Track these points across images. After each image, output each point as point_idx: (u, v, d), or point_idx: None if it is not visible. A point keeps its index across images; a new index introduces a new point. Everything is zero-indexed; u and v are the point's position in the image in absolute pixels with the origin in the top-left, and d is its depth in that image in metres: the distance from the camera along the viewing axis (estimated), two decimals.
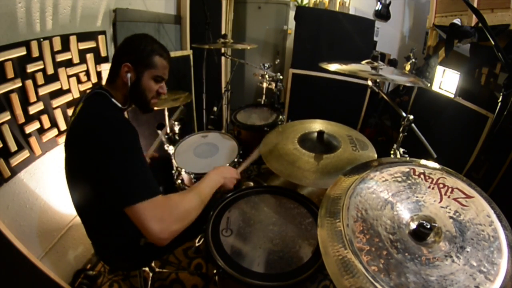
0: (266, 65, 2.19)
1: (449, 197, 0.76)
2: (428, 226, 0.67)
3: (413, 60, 2.82)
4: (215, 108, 2.33)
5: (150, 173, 0.81)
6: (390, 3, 3.43)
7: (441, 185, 0.78)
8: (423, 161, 0.88)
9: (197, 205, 0.87)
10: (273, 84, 2.14)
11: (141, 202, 0.73)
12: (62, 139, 1.40)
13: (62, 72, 1.35)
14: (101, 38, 1.57)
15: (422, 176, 0.81)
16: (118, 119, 0.86)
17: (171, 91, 2.01)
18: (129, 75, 0.94)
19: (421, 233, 0.67)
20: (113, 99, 0.96)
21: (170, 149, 1.67)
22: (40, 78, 1.23)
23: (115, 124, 0.82)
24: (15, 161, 1.15)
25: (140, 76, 0.96)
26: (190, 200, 0.87)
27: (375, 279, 0.58)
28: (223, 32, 2.98)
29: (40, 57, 1.21)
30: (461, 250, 0.65)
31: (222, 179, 1.03)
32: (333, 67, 1.13)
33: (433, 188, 0.78)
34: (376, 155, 1.31)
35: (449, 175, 0.81)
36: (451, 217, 0.71)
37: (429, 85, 2.20)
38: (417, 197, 0.76)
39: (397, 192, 0.77)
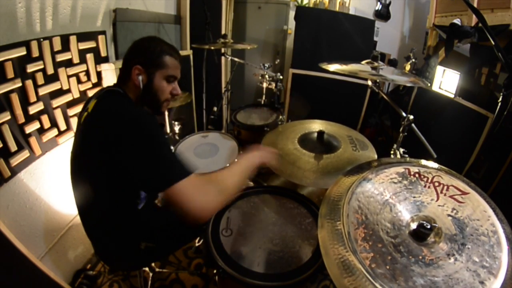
0: (266, 65, 2.19)
1: (445, 195, 0.76)
2: (428, 227, 0.67)
3: (413, 60, 2.82)
4: (215, 108, 2.34)
5: (176, 156, 0.83)
6: (390, 3, 3.43)
7: (436, 184, 0.79)
8: (423, 161, 0.88)
9: (234, 181, 0.87)
10: (273, 84, 2.14)
11: (183, 179, 0.75)
12: (62, 139, 1.40)
13: (62, 72, 1.34)
14: (101, 38, 1.57)
15: (417, 175, 0.81)
16: (140, 110, 0.87)
17: None
18: (140, 77, 0.94)
19: (422, 234, 0.67)
20: (128, 96, 0.97)
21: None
22: (40, 78, 1.23)
23: (140, 114, 0.83)
24: (15, 161, 1.15)
25: (152, 77, 0.96)
26: (225, 175, 0.88)
27: (383, 286, 0.58)
28: (223, 32, 2.98)
29: (40, 57, 1.21)
30: (462, 247, 0.65)
31: (257, 158, 1.01)
32: (333, 67, 1.13)
33: (429, 187, 0.78)
34: (376, 155, 1.31)
35: (443, 173, 0.81)
36: (449, 215, 0.72)
37: (429, 85, 2.20)
38: (414, 197, 0.76)
39: (395, 194, 0.77)
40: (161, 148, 0.79)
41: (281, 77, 2.06)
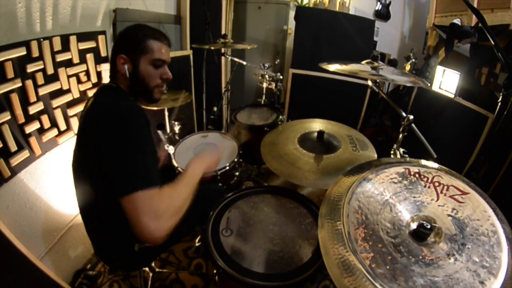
0: (266, 65, 2.19)
1: (445, 195, 0.76)
2: (429, 227, 0.67)
3: (413, 60, 2.82)
4: (215, 108, 2.33)
5: (153, 164, 0.79)
6: (390, 3, 3.43)
7: (436, 184, 0.79)
8: (423, 161, 0.88)
9: (189, 196, 0.84)
10: (273, 84, 2.14)
11: (138, 191, 0.70)
12: (62, 139, 1.40)
13: (62, 72, 1.34)
14: (101, 38, 1.57)
15: (417, 175, 0.81)
16: (132, 107, 0.84)
17: (171, 91, 2.01)
18: (125, 66, 0.92)
19: (422, 234, 0.67)
20: (121, 88, 0.96)
21: (170, 149, 1.67)
22: (40, 78, 1.23)
23: (128, 112, 0.80)
24: (15, 161, 1.15)
25: (137, 64, 0.93)
26: (182, 192, 0.83)
27: (383, 286, 0.58)
28: (223, 32, 2.97)
29: (40, 57, 1.21)
30: (462, 247, 0.65)
31: (201, 168, 0.96)
32: (333, 67, 1.13)
33: (429, 187, 0.78)
34: (376, 155, 1.31)
35: (443, 173, 0.81)
36: (449, 215, 0.72)
37: (429, 85, 2.20)
38: (414, 197, 0.76)
39: (395, 194, 0.77)
40: (131, 153, 0.75)
41: (281, 77, 2.06)
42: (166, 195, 0.77)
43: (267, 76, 2.21)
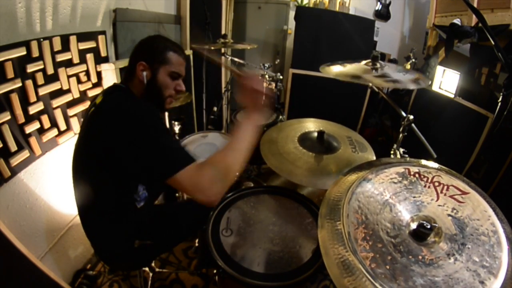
0: (266, 65, 2.18)
1: (445, 194, 0.76)
2: (428, 227, 0.67)
3: (413, 60, 2.82)
4: (215, 108, 2.34)
5: (180, 145, 0.83)
6: (390, 3, 3.43)
7: (436, 183, 0.78)
8: (423, 161, 0.88)
9: (236, 159, 0.83)
10: (273, 84, 2.14)
11: (177, 173, 0.74)
12: (62, 139, 1.40)
13: (62, 72, 1.34)
14: (101, 38, 1.57)
15: (417, 175, 0.81)
16: (141, 104, 0.88)
17: None
18: (144, 73, 0.95)
19: (422, 233, 0.67)
20: (132, 92, 0.98)
21: None
22: (40, 78, 1.23)
23: (140, 109, 0.84)
24: (15, 161, 1.15)
25: (156, 73, 0.96)
26: (228, 156, 0.82)
27: (383, 286, 0.57)
28: (223, 32, 2.98)
29: (40, 57, 1.21)
30: (462, 247, 0.65)
31: (256, 122, 0.91)
32: (334, 69, 1.13)
33: (429, 187, 0.78)
34: (374, 158, 1.32)
35: (443, 173, 0.81)
36: (449, 215, 0.71)
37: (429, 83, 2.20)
38: (414, 197, 0.76)
39: (395, 194, 0.77)
40: (159, 139, 0.79)
41: (281, 77, 2.06)
42: (207, 166, 0.79)
43: (267, 76, 2.21)
